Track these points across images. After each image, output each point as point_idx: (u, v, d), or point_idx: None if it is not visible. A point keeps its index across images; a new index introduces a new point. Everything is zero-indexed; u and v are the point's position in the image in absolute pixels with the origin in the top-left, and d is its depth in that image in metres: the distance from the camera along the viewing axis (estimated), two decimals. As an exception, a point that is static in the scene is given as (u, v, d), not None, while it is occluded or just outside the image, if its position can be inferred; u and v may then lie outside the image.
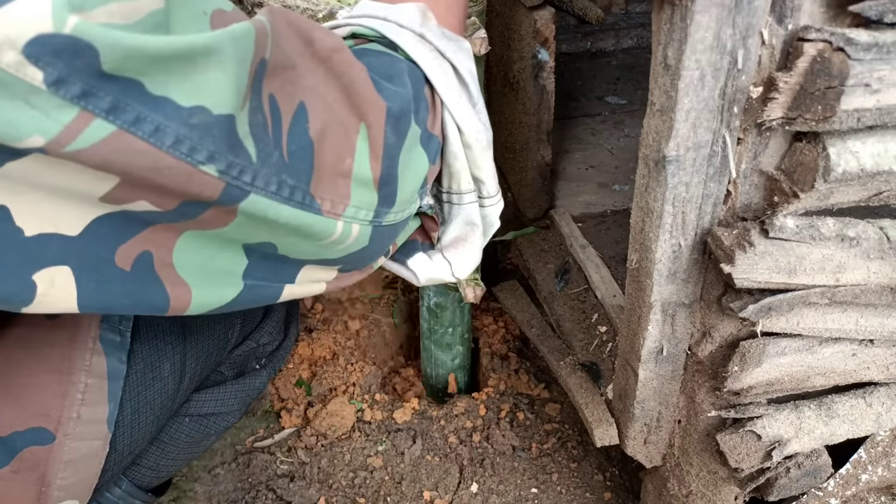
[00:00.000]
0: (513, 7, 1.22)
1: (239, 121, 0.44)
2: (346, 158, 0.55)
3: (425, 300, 1.36)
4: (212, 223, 0.48)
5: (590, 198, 1.40)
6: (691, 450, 0.94)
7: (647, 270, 0.79)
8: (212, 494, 1.23)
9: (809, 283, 0.74)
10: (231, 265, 0.54)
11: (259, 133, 0.47)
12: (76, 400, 0.66)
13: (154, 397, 0.75)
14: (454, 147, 0.68)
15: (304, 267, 0.60)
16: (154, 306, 0.51)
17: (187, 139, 0.41)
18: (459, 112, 0.67)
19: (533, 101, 1.23)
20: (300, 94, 0.51)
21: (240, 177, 0.46)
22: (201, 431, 0.89)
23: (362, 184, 0.57)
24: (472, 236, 0.74)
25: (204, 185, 0.44)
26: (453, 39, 0.68)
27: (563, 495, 1.23)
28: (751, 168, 0.71)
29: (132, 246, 0.47)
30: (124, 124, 0.38)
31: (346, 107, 0.55)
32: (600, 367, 1.10)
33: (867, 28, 0.60)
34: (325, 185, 0.54)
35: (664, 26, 0.64)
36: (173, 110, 0.40)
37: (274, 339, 0.95)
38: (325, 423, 1.33)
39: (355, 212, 0.57)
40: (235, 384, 0.91)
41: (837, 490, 0.96)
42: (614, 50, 1.98)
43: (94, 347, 0.67)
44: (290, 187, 0.50)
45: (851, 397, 0.88)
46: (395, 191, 0.61)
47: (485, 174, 0.71)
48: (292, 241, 0.55)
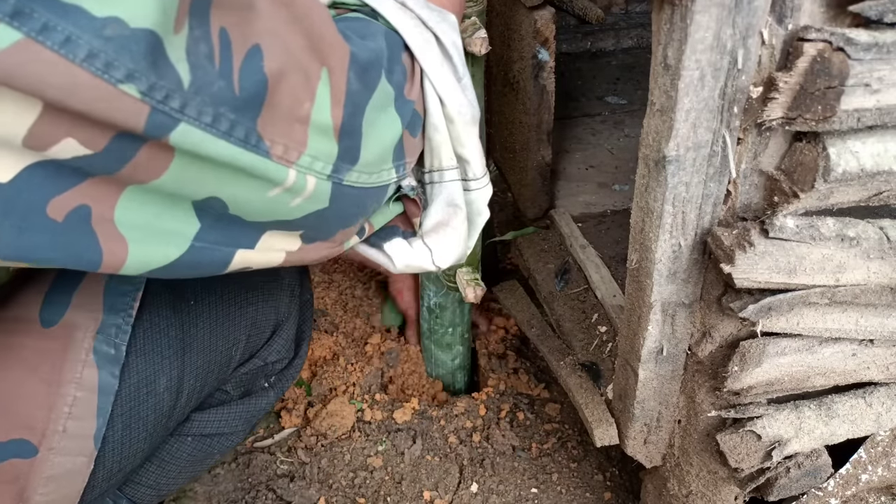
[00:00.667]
0: (513, 7, 1.22)
1: (168, 43, 0.41)
2: (305, 103, 0.52)
3: (425, 300, 1.36)
4: (149, 169, 0.45)
5: (590, 198, 1.40)
6: (691, 450, 0.94)
7: (647, 270, 0.79)
8: (212, 494, 1.23)
9: (809, 283, 0.74)
10: (180, 226, 0.51)
11: (200, 62, 0.44)
12: (63, 413, 0.63)
13: (147, 413, 0.72)
14: (435, 119, 0.65)
15: (265, 234, 0.57)
16: (84, 260, 0.48)
17: (102, 52, 0.38)
18: (441, 82, 0.64)
19: (533, 101, 1.23)
20: (256, 35, 0.48)
21: (166, 101, 0.42)
22: (203, 451, 0.86)
23: (321, 131, 0.54)
24: (454, 220, 0.70)
25: (126, 109, 0.41)
26: (437, 11, 0.66)
27: (563, 495, 1.23)
28: (751, 168, 0.71)
29: (68, 198, 0.44)
30: (31, 32, 0.35)
31: (307, 50, 0.52)
32: (600, 367, 1.10)
33: (867, 28, 0.60)
34: (277, 128, 0.50)
35: (664, 26, 0.64)
36: (86, 20, 0.37)
37: (283, 358, 0.91)
38: (325, 423, 1.33)
39: (311, 161, 0.54)
40: (240, 404, 0.87)
41: (837, 490, 0.96)
42: (614, 50, 1.98)
43: (87, 360, 0.65)
44: (229, 121, 0.47)
45: (851, 397, 0.88)
46: (357, 145, 0.57)
47: (469, 152, 0.69)
48: (240, 190, 0.51)
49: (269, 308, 0.86)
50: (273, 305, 0.87)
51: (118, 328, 0.68)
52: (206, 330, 0.78)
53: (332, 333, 1.53)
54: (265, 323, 0.86)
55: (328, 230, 0.61)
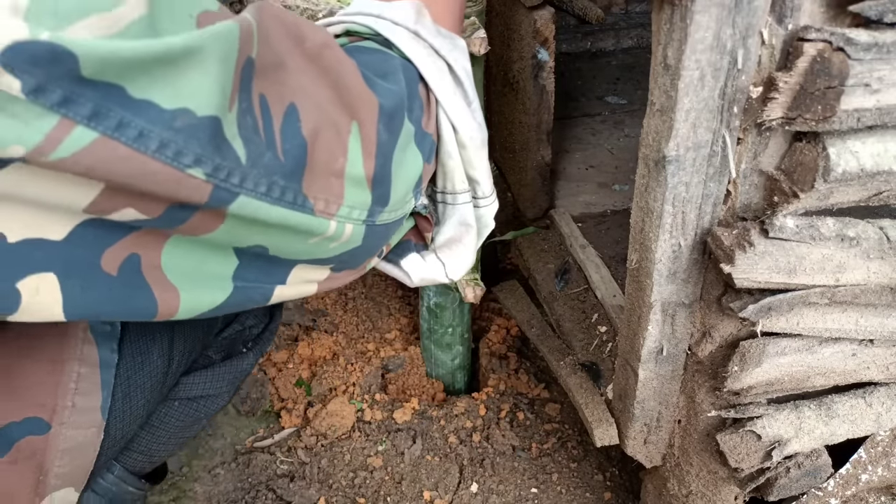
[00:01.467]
0: (513, 7, 1.22)
1: (226, 122, 0.44)
2: (339, 157, 0.54)
3: (425, 300, 1.36)
4: (200, 228, 0.48)
5: (590, 198, 1.40)
6: (691, 450, 0.94)
7: (647, 270, 0.79)
8: (212, 494, 1.23)
9: (809, 283, 0.74)
10: (221, 267, 0.53)
11: (249, 135, 0.46)
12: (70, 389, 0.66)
13: (144, 381, 0.75)
14: (448, 146, 0.68)
15: (296, 267, 0.59)
16: (142, 311, 0.50)
17: (172, 143, 0.40)
18: (454, 110, 0.67)
19: (533, 101, 1.23)
20: (290, 94, 0.50)
21: (228, 179, 0.45)
22: (191, 415, 0.89)
23: (356, 183, 0.56)
24: (466, 237, 0.73)
25: (192, 188, 0.43)
26: (448, 37, 0.68)
27: (563, 495, 1.23)
28: (751, 168, 0.71)
29: (119, 249, 0.46)
30: (107, 130, 0.38)
31: (337, 105, 0.54)
32: (600, 367, 1.10)
33: (867, 28, 0.60)
34: (318, 185, 0.53)
35: (664, 26, 0.64)
36: (156, 114, 0.39)
37: (259, 322, 0.95)
38: (325, 423, 1.33)
39: (349, 211, 0.56)
40: (223, 366, 0.91)
41: (837, 490, 0.96)
42: (614, 50, 1.98)
43: (85, 337, 0.67)
44: (280, 188, 0.49)
45: (851, 397, 0.88)
46: (388, 190, 0.60)
47: (479, 174, 0.71)
48: (284, 241, 0.54)
49: None
50: None
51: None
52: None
53: (332, 333, 1.53)
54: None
55: (357, 261, 0.65)
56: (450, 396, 1.45)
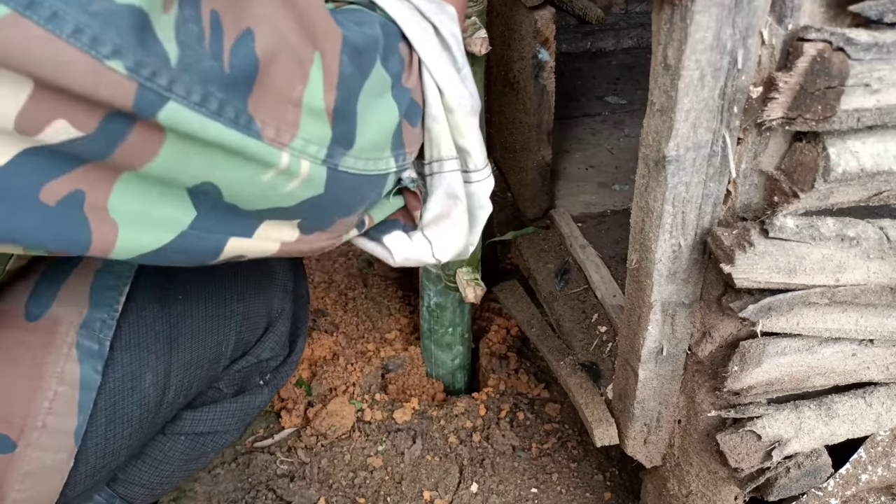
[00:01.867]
0: (513, 7, 1.22)
1: (157, 20, 0.41)
2: (297, 85, 0.51)
3: (425, 300, 1.36)
4: (141, 152, 0.45)
5: (590, 198, 1.40)
6: (691, 450, 0.94)
7: (647, 270, 0.79)
8: (212, 494, 1.23)
9: (809, 283, 0.74)
10: (176, 213, 0.51)
11: (189, 41, 0.44)
12: (43, 408, 0.62)
13: (132, 409, 0.71)
14: (434, 109, 0.65)
15: (264, 223, 0.56)
16: (73, 242, 0.48)
17: (88, 28, 0.38)
18: (440, 72, 0.64)
19: (533, 101, 1.23)
20: (248, 20, 0.48)
21: (153, 78, 0.42)
22: (197, 450, 0.85)
23: (314, 114, 0.53)
24: (454, 212, 0.69)
25: (114, 86, 0.40)
26: (435, 2, 0.65)
27: (563, 495, 1.23)
28: (751, 168, 0.71)
29: (62, 183, 0.44)
30: (18, 6, 0.36)
31: (299, 34, 0.52)
32: (600, 367, 1.10)
33: (867, 28, 0.60)
34: (269, 109, 0.50)
35: (664, 26, 0.64)
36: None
37: (277, 354, 0.89)
38: (325, 423, 1.33)
39: (304, 144, 0.53)
40: (234, 402, 0.86)
41: (837, 490, 0.96)
42: (614, 50, 1.98)
43: (69, 354, 0.64)
44: (218, 100, 0.46)
45: (851, 397, 0.88)
46: (352, 130, 0.57)
47: (469, 143, 0.68)
48: (233, 174, 0.51)
49: (260, 304, 0.85)
50: (265, 301, 0.85)
51: (103, 323, 0.68)
52: (194, 326, 0.77)
53: (332, 333, 1.53)
54: (257, 319, 0.85)
55: (326, 219, 0.61)
56: (450, 396, 1.45)
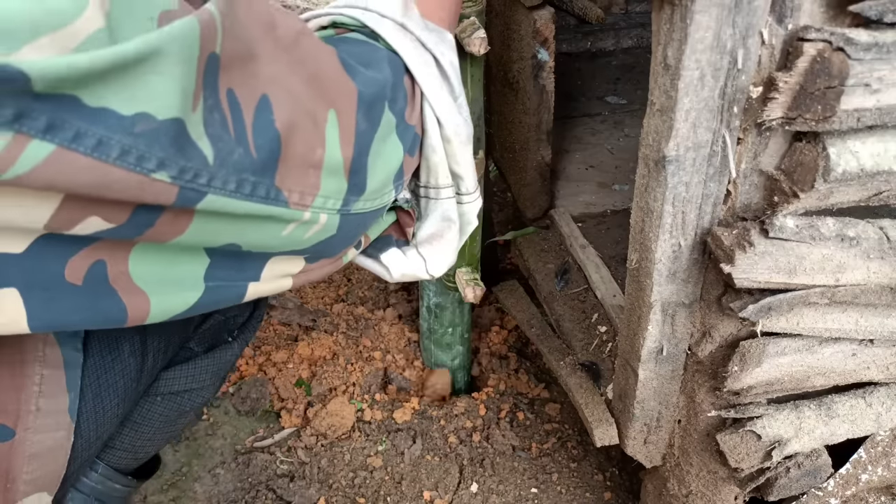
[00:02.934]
0: (513, 7, 1.22)
1: (190, 123, 0.43)
2: (317, 148, 0.53)
3: (425, 300, 1.36)
4: (168, 232, 0.47)
5: (590, 198, 1.40)
6: (691, 450, 0.94)
7: (647, 270, 0.79)
8: (212, 494, 1.23)
9: (809, 283, 0.74)
10: (191, 267, 0.52)
11: (217, 132, 0.45)
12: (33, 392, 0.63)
13: (116, 380, 0.73)
14: (433, 140, 0.67)
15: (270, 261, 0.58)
16: (111, 319, 0.49)
17: (134, 148, 0.40)
18: (440, 104, 0.66)
19: (533, 100, 1.23)
20: (262, 86, 0.49)
21: (195, 180, 0.44)
22: (175, 409, 0.87)
23: (332, 172, 0.55)
24: (448, 233, 0.73)
25: (157, 192, 0.42)
26: (435, 31, 0.67)
27: (563, 495, 1.23)
28: (751, 168, 0.71)
29: (83, 257, 0.45)
30: (63, 141, 0.37)
31: (314, 94, 0.53)
32: (600, 367, 1.10)
33: (867, 28, 0.60)
34: (293, 177, 0.52)
35: (664, 26, 0.64)
36: (115, 121, 0.38)
37: (243, 311, 0.92)
38: (325, 423, 1.33)
39: (324, 202, 0.56)
40: (206, 358, 0.88)
41: (837, 490, 0.96)
42: (614, 50, 1.98)
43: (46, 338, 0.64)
44: (251, 184, 0.48)
45: (851, 397, 0.88)
46: (364, 179, 0.59)
47: (463, 170, 0.71)
48: (257, 236, 0.53)
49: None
50: None
51: None
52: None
53: (332, 333, 1.53)
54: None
55: (333, 251, 0.63)
56: (450, 396, 1.45)
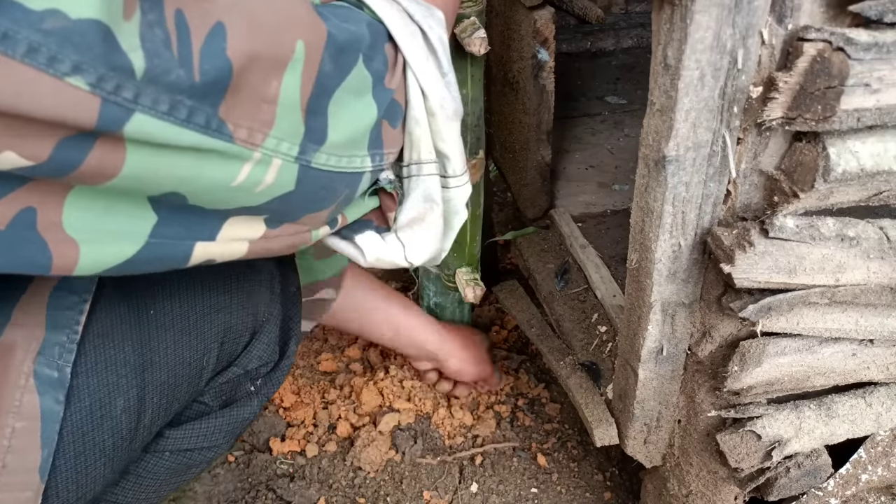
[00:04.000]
0: (512, 7, 1.22)
1: (120, 31, 0.39)
2: (273, 81, 0.49)
3: (425, 300, 1.36)
4: (101, 172, 0.43)
5: (590, 198, 1.40)
6: (691, 450, 0.94)
7: (647, 270, 0.79)
8: (212, 494, 1.23)
9: (809, 283, 0.74)
10: (136, 222, 0.48)
11: (156, 48, 0.41)
12: (2, 447, 0.58)
13: (104, 439, 0.66)
14: (416, 112, 0.64)
15: (227, 222, 0.54)
16: (33, 264, 0.46)
17: (43, 46, 0.36)
18: (424, 75, 0.63)
19: (533, 100, 1.23)
20: (219, 12, 0.45)
21: (118, 91, 0.40)
22: (184, 464, 0.80)
23: (289, 109, 0.51)
24: (430, 216, 0.68)
25: (75, 103, 0.38)
26: (424, 6, 0.65)
27: (563, 495, 1.23)
28: (751, 168, 0.71)
29: (10, 201, 0.42)
30: None
31: (279, 26, 0.50)
32: (600, 367, 1.10)
33: (867, 28, 0.60)
34: (241, 109, 0.47)
35: (664, 26, 0.64)
36: (21, 14, 0.35)
37: (267, 361, 0.83)
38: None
39: (276, 143, 0.51)
40: (220, 416, 0.80)
41: (837, 490, 0.96)
42: (614, 50, 1.98)
43: (27, 385, 0.59)
44: (187, 108, 0.44)
45: (851, 397, 0.88)
46: (323, 126, 0.55)
47: (449, 148, 0.67)
48: (201, 181, 0.48)
49: (244, 311, 0.79)
50: (250, 308, 0.79)
51: (62, 347, 0.62)
52: (169, 342, 0.71)
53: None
54: (241, 328, 0.79)
55: (294, 213, 0.59)
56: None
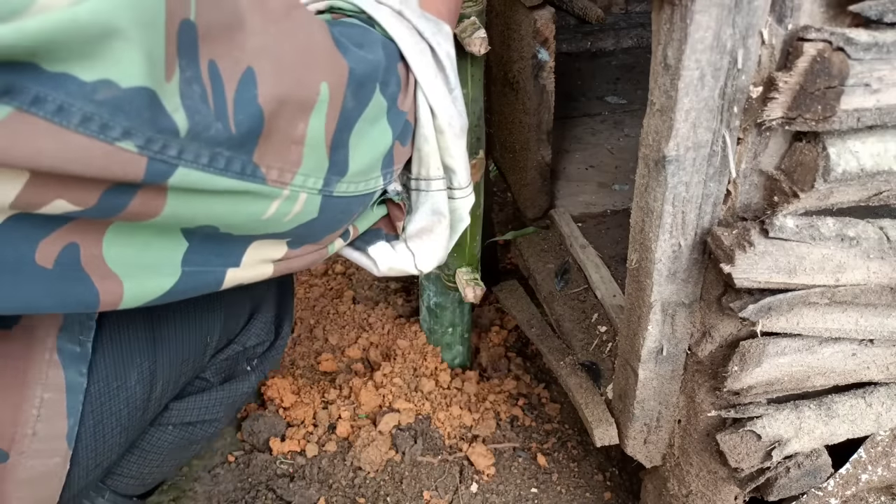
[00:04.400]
0: (513, 7, 1.22)
1: (163, 93, 0.41)
2: (300, 123, 0.52)
3: (425, 300, 1.36)
4: (142, 213, 0.45)
5: (590, 198, 1.40)
6: (691, 450, 0.94)
7: (647, 270, 0.79)
8: (212, 494, 1.23)
9: (809, 283, 0.74)
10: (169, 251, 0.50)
11: (195, 105, 0.43)
12: (31, 416, 0.61)
13: (120, 408, 0.70)
14: (425, 130, 0.66)
15: (251, 245, 0.57)
16: (82, 303, 0.47)
17: (96, 116, 0.38)
18: (434, 94, 0.65)
19: (533, 100, 1.23)
20: (248, 58, 0.47)
21: (164, 151, 0.42)
22: (186, 439, 0.85)
23: (315, 148, 0.54)
24: (438, 227, 0.71)
25: (124, 163, 0.40)
26: (433, 21, 0.66)
27: (563, 495, 1.23)
28: (751, 168, 0.71)
29: (55, 240, 0.44)
30: (22, 104, 0.35)
31: (303, 67, 0.51)
32: (600, 367, 1.10)
33: (867, 28, 0.60)
34: (273, 153, 0.50)
35: (664, 26, 0.64)
36: (76, 87, 0.37)
37: (264, 340, 0.90)
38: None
39: (304, 180, 0.54)
40: (221, 390, 0.86)
41: (837, 490, 0.96)
42: (614, 50, 1.98)
43: (51, 359, 0.63)
44: (225, 158, 0.46)
45: (851, 397, 0.88)
46: (346, 158, 0.58)
47: (456, 163, 0.69)
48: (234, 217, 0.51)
49: (243, 292, 0.84)
50: (247, 291, 0.85)
51: (82, 324, 0.66)
52: (177, 320, 0.76)
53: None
54: (240, 308, 0.85)
55: (315, 236, 0.62)
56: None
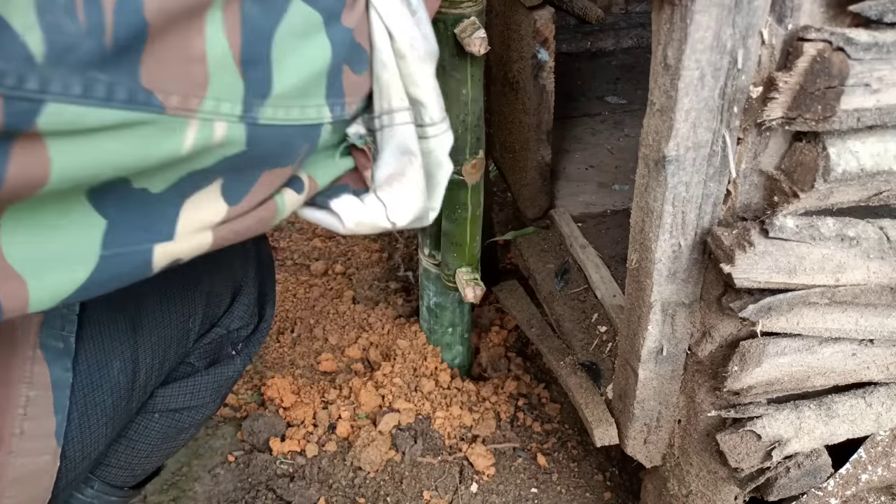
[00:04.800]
0: (513, 7, 1.22)
1: (8, 8, 0.34)
2: (195, 36, 0.44)
3: (425, 300, 1.36)
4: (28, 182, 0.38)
5: (590, 198, 1.40)
6: (691, 450, 0.94)
7: (647, 270, 0.79)
8: (212, 494, 1.23)
9: (809, 283, 0.74)
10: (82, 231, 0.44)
11: (57, 20, 0.36)
12: (17, 415, 0.60)
13: (104, 399, 0.69)
14: (383, 55, 0.58)
15: (184, 207, 0.48)
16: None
17: None
18: (390, 13, 0.57)
19: (533, 100, 1.23)
20: None
21: (21, 85, 0.35)
22: (174, 426, 0.83)
23: (221, 66, 0.46)
24: (409, 170, 0.62)
25: None
26: None
27: (563, 495, 1.23)
28: (751, 168, 0.71)
29: None
30: None
31: None
32: (600, 367, 1.10)
33: (867, 28, 0.60)
34: (168, 76, 0.42)
35: (664, 26, 0.64)
36: None
37: (248, 323, 0.88)
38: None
39: (215, 105, 0.46)
40: (207, 375, 0.84)
41: (837, 490, 0.96)
42: (614, 50, 1.98)
43: (35, 356, 0.61)
44: (105, 85, 0.39)
45: (851, 397, 0.88)
46: (266, 77, 0.49)
47: (424, 93, 0.61)
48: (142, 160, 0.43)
49: (223, 275, 0.83)
50: (228, 271, 0.84)
51: (63, 318, 0.64)
52: (156, 306, 0.75)
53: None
54: (222, 290, 0.84)
55: (250, 174, 0.53)
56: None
